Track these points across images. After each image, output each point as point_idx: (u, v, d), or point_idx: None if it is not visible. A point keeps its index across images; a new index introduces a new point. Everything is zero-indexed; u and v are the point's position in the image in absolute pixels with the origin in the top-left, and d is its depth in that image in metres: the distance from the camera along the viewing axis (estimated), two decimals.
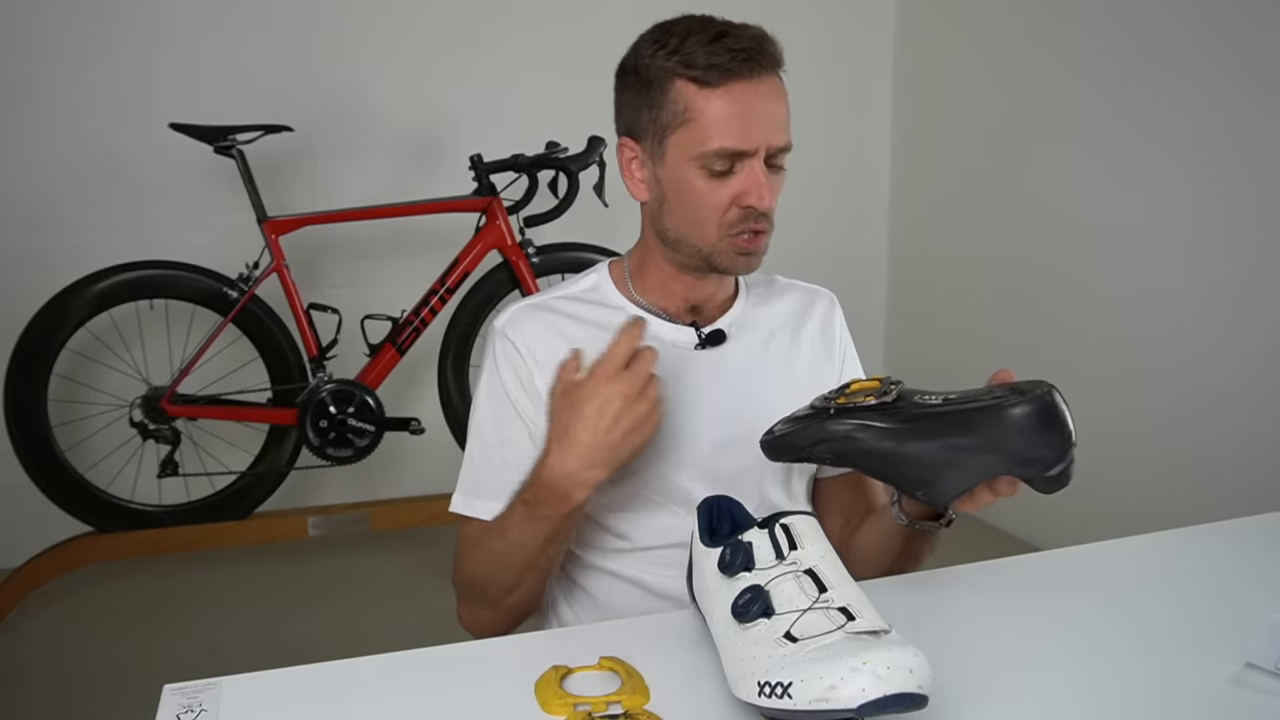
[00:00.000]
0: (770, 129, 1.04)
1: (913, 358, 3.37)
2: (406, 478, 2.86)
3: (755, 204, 1.04)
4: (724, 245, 1.07)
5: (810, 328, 1.22)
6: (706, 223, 1.06)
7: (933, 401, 0.91)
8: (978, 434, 0.87)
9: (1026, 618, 0.93)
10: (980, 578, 0.99)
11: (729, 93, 1.02)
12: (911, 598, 0.96)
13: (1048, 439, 0.86)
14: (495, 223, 2.52)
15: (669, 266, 1.13)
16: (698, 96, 1.03)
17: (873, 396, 0.93)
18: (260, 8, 2.73)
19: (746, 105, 1.02)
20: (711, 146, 1.03)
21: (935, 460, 0.89)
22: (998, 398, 0.87)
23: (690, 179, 1.05)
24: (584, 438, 0.94)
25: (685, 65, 1.03)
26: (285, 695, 0.81)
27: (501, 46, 2.92)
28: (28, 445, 2.39)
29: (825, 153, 3.28)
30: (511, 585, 1.06)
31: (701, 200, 1.05)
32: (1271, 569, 1.03)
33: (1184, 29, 2.32)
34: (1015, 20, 2.84)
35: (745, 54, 1.01)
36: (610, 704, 0.77)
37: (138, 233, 2.64)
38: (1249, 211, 2.21)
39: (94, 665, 2.29)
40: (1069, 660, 0.85)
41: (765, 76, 1.03)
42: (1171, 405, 2.41)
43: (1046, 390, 0.86)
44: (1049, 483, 0.88)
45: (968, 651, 0.84)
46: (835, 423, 0.94)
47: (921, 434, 0.90)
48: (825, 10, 3.23)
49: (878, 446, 0.91)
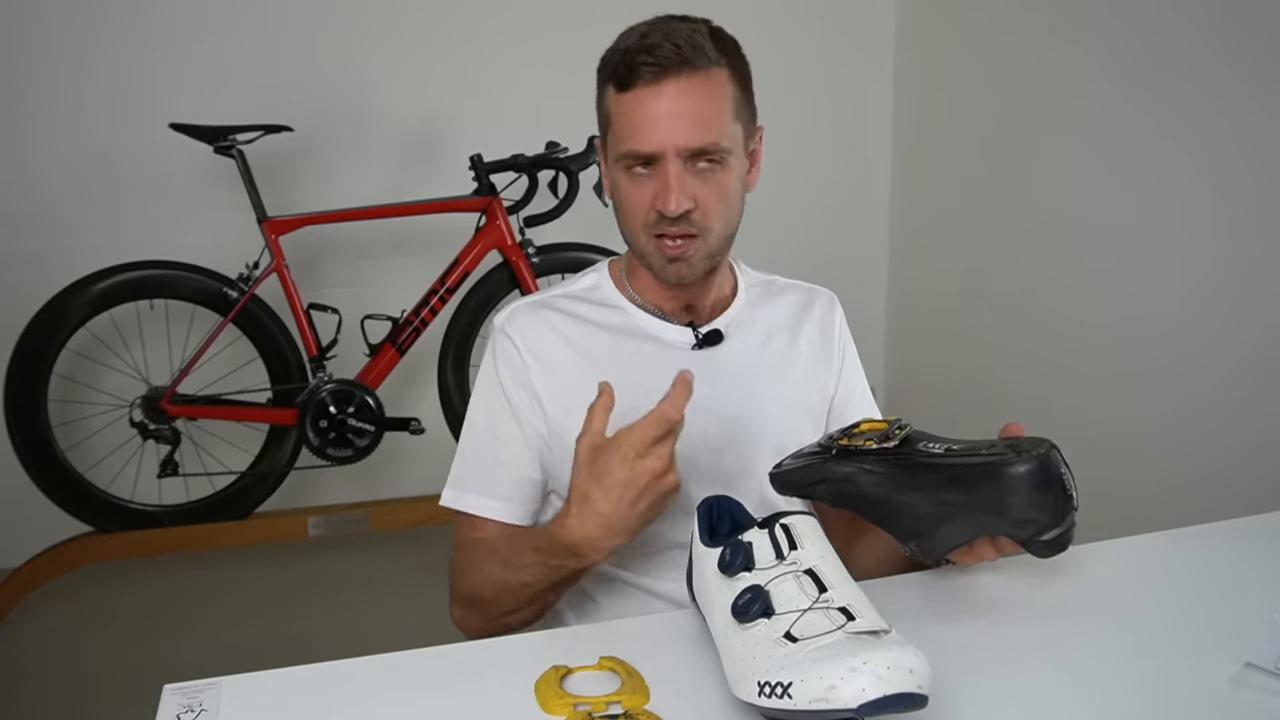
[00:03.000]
0: (678, 131, 1.01)
1: (912, 360, 3.37)
2: (406, 478, 2.86)
3: (660, 207, 1.03)
4: (650, 248, 1.08)
5: (809, 328, 1.22)
6: (634, 223, 1.08)
7: (935, 450, 0.89)
8: (972, 491, 0.84)
9: (1026, 618, 0.93)
10: (980, 578, 0.99)
11: (635, 96, 1.03)
12: (911, 598, 0.96)
13: (1042, 501, 0.83)
14: (495, 223, 2.52)
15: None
16: (614, 100, 1.05)
17: (874, 440, 0.92)
18: (261, 8, 2.73)
19: (650, 108, 1.02)
20: (621, 149, 1.05)
21: (928, 514, 0.87)
22: (997, 454, 0.84)
23: (619, 179, 1.07)
24: (606, 509, 0.90)
25: (610, 71, 1.05)
26: (285, 695, 0.81)
27: (502, 46, 2.91)
28: (28, 445, 2.39)
29: (825, 152, 3.28)
30: (512, 610, 1.06)
31: (626, 199, 1.07)
32: (1271, 569, 1.03)
33: (1191, 29, 2.32)
34: (1017, 20, 2.83)
35: (655, 58, 1.01)
36: (610, 704, 0.77)
37: (138, 233, 2.64)
38: (1250, 214, 2.21)
39: (94, 665, 2.29)
40: (1069, 660, 0.85)
41: (679, 78, 1.01)
42: (1171, 407, 2.40)
43: (1045, 450, 0.83)
44: (1044, 546, 0.85)
45: (968, 651, 0.84)
46: (836, 464, 0.93)
47: (916, 486, 0.88)
48: (825, 10, 3.23)
49: (873, 493, 0.90)
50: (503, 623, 1.08)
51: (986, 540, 0.90)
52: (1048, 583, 0.98)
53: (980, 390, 2.99)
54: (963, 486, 0.85)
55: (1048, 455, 0.83)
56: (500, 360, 1.13)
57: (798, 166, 3.11)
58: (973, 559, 0.92)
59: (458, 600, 1.13)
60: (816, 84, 3.20)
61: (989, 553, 0.91)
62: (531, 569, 1.00)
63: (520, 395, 1.12)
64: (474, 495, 1.12)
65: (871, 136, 3.38)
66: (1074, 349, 2.69)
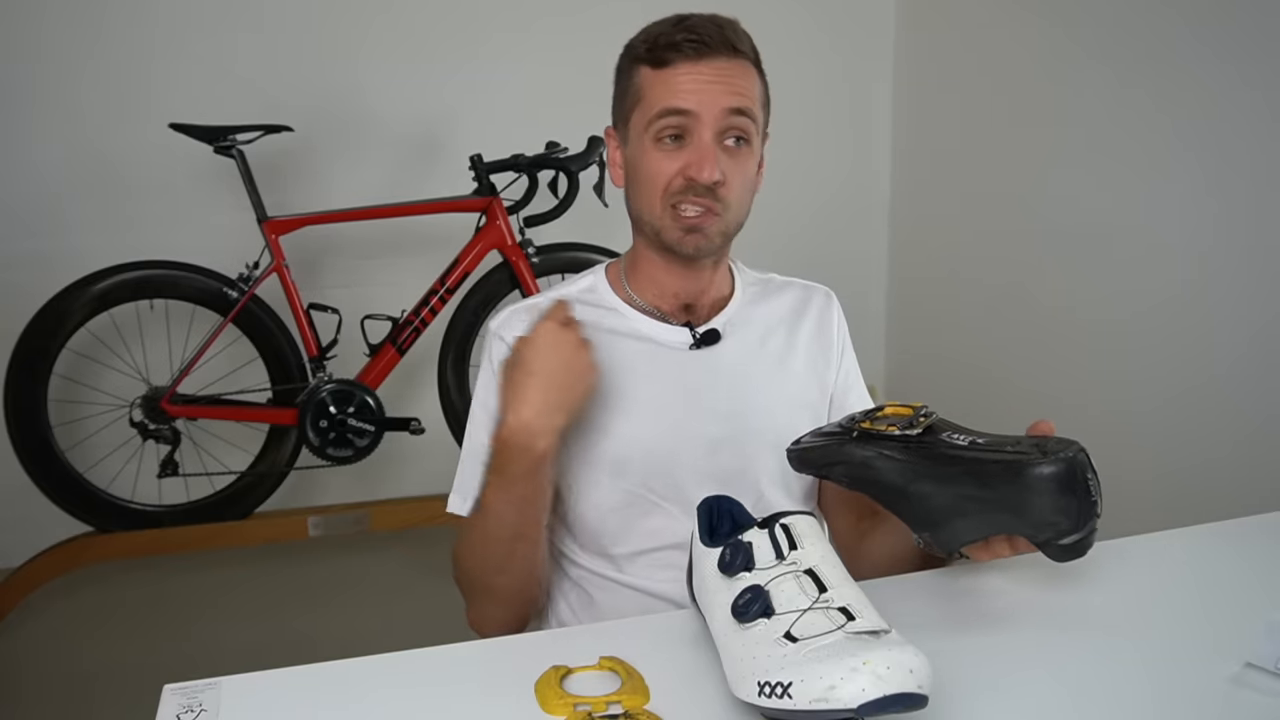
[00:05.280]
0: (719, 92, 1.05)
1: (912, 358, 3.37)
2: (406, 478, 2.86)
3: (695, 175, 1.05)
4: (667, 219, 1.09)
5: (807, 325, 1.22)
6: (653, 193, 1.09)
7: (959, 442, 0.86)
8: (993, 488, 0.82)
9: (1026, 617, 0.93)
10: (980, 578, 0.99)
11: (677, 70, 1.06)
12: (912, 598, 0.96)
13: (1064, 505, 0.80)
14: (495, 223, 2.52)
15: (652, 256, 1.15)
16: (650, 75, 1.08)
17: (897, 426, 0.90)
18: (262, 8, 2.73)
19: (691, 76, 1.06)
20: (655, 109, 1.06)
21: (944, 506, 0.85)
22: (1021, 453, 0.82)
23: (645, 151, 1.08)
24: (535, 386, 0.99)
25: (645, 51, 1.08)
26: (285, 695, 0.81)
27: (502, 46, 2.91)
28: (28, 445, 2.39)
29: (825, 151, 3.28)
30: (500, 563, 1.06)
31: (650, 169, 1.08)
32: (1271, 569, 1.03)
33: (1189, 26, 2.31)
34: (1017, 18, 2.83)
35: (697, 36, 1.05)
36: (610, 704, 0.77)
37: (138, 233, 2.64)
38: (1249, 210, 2.21)
39: (94, 665, 2.29)
40: (1068, 660, 0.85)
41: (717, 59, 1.06)
42: (1174, 405, 2.40)
43: (1073, 454, 0.81)
44: (1062, 551, 0.83)
45: (968, 651, 0.84)
46: (856, 447, 0.91)
47: (936, 477, 0.86)
48: (825, 8, 3.23)
49: (891, 480, 0.89)
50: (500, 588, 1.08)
51: (1003, 538, 0.89)
52: (1047, 582, 0.98)
53: (980, 387, 2.99)
54: (983, 482, 0.83)
55: (1074, 458, 0.80)
56: (497, 363, 1.13)
57: (798, 164, 3.11)
58: (987, 555, 0.91)
59: (464, 593, 1.13)
60: (817, 82, 3.20)
61: (1004, 550, 0.90)
62: (494, 494, 1.02)
63: None
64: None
65: (872, 135, 3.38)
66: (1074, 346, 2.69)
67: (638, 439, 1.10)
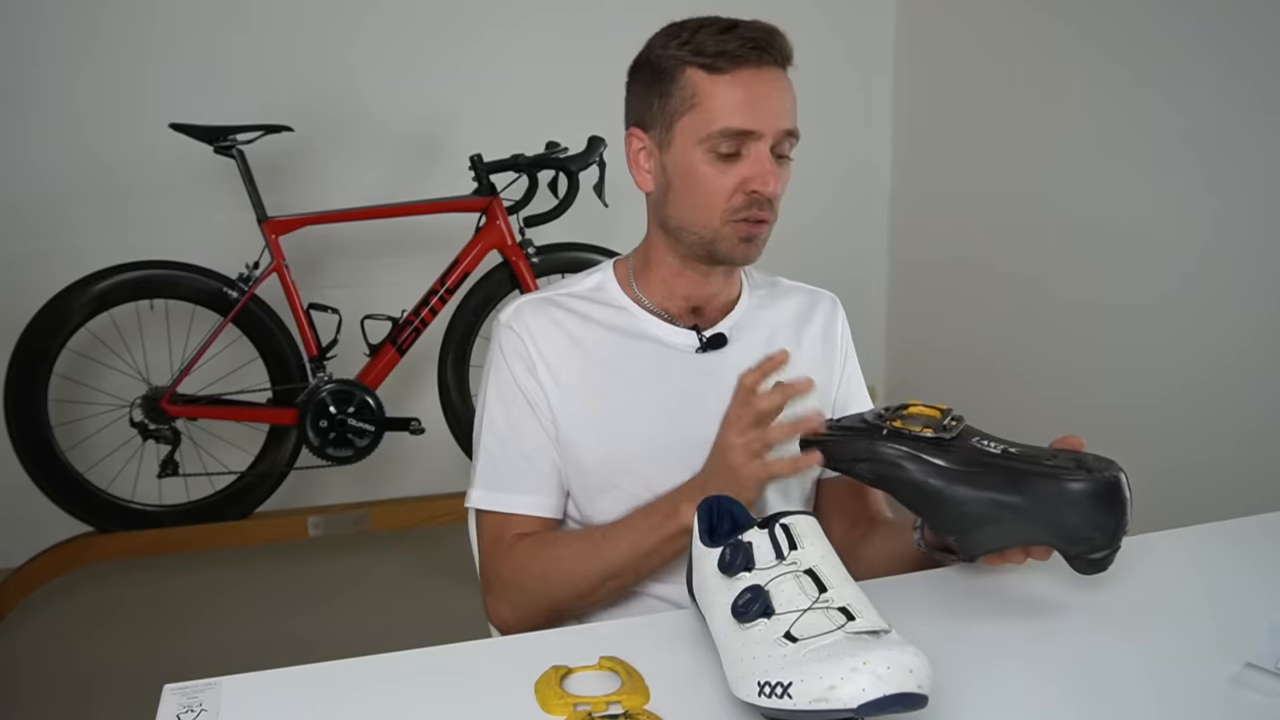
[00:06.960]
0: (778, 113, 1.05)
1: (912, 356, 3.37)
2: (406, 478, 2.86)
3: (760, 189, 1.05)
4: (727, 231, 1.07)
5: (812, 330, 1.22)
6: (711, 208, 1.07)
7: (991, 449, 0.87)
8: (1030, 498, 0.83)
9: (1026, 617, 0.93)
10: (980, 577, 0.99)
11: (737, 78, 1.04)
12: (911, 598, 0.96)
13: (1102, 522, 0.82)
14: (495, 223, 2.52)
15: (672, 261, 1.14)
16: (706, 81, 1.05)
17: (930, 428, 0.89)
18: (263, 8, 2.73)
19: (754, 90, 1.04)
20: (717, 126, 1.04)
21: (977, 512, 0.85)
22: (1060, 467, 0.83)
23: (696, 163, 1.06)
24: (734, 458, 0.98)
25: (695, 53, 1.05)
26: (285, 695, 0.81)
27: (502, 45, 2.91)
28: (28, 445, 2.39)
29: (825, 148, 3.26)
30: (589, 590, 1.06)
31: (706, 184, 1.06)
32: (1273, 569, 1.03)
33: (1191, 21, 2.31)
34: (1018, 7, 2.83)
35: (754, 43, 1.04)
36: (610, 704, 0.77)
37: (138, 233, 2.64)
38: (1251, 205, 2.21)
39: (94, 665, 2.29)
40: (1068, 660, 0.85)
41: (773, 67, 1.05)
42: (1175, 401, 2.40)
43: (1115, 473, 0.82)
44: (1090, 564, 0.84)
45: (968, 651, 0.84)
46: (884, 445, 0.90)
47: (971, 481, 0.86)
48: (825, 6, 3.22)
49: (922, 481, 0.88)
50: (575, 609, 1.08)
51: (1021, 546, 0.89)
52: (1047, 582, 0.98)
53: (980, 381, 2.99)
54: (1020, 492, 0.83)
55: (1118, 478, 0.82)
56: (509, 354, 1.13)
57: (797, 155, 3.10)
58: (1001, 562, 0.91)
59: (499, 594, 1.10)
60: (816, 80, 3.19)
61: (1018, 557, 0.91)
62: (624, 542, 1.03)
63: (532, 385, 1.11)
64: (507, 494, 1.11)
65: (872, 131, 3.37)
66: (1076, 344, 2.69)
67: (641, 439, 1.10)
